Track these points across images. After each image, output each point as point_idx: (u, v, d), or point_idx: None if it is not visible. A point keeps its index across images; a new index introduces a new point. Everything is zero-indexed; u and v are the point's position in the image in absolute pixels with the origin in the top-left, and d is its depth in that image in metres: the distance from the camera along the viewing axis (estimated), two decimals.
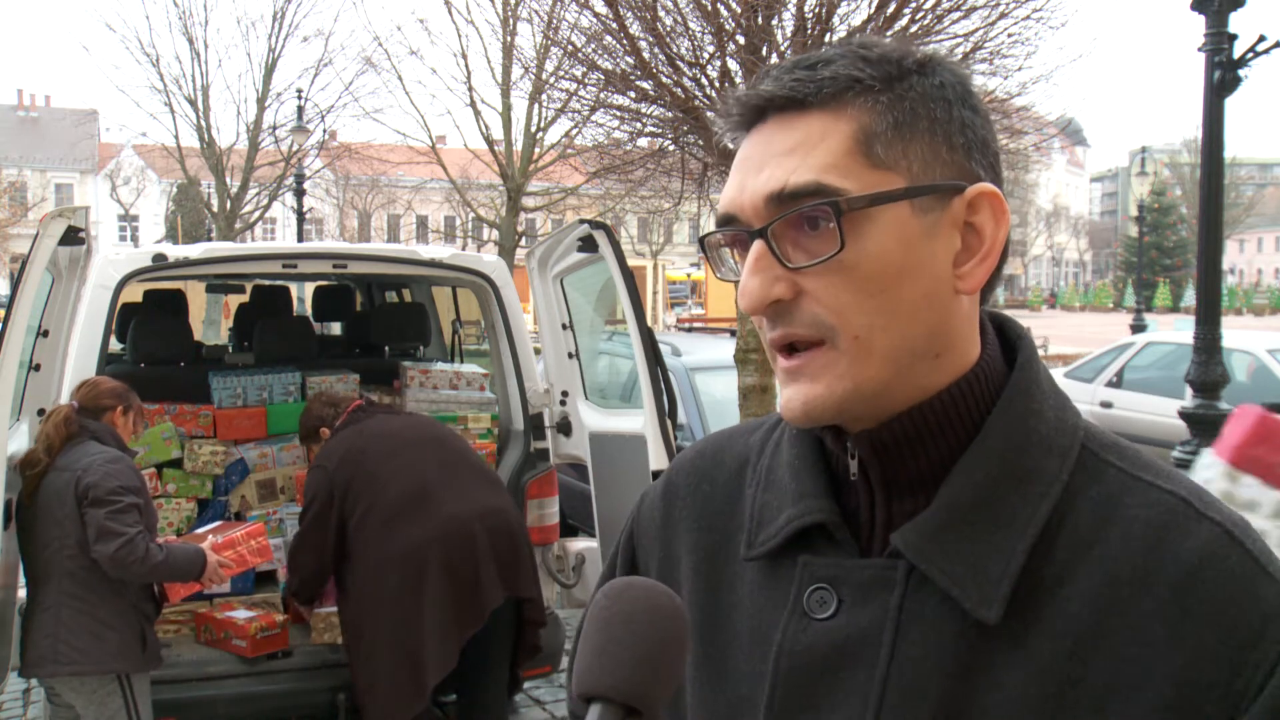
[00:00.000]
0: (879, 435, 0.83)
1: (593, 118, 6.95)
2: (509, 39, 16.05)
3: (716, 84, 5.61)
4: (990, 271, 0.84)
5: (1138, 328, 21.35)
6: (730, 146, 0.86)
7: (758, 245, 0.82)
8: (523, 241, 17.23)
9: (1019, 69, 6.10)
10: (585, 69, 6.29)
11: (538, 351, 5.01)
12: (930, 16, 5.56)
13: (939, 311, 0.82)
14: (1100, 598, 0.77)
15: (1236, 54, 6.76)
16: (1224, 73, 6.75)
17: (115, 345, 5.23)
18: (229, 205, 23.64)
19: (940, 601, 0.80)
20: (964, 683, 0.78)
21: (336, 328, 7.91)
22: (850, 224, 0.79)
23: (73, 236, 3.55)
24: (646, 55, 5.61)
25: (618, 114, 6.38)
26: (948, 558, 0.80)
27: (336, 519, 3.73)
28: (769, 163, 0.82)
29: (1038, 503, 0.80)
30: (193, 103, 23.36)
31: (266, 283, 6.77)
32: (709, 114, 5.58)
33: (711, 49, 5.57)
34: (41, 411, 3.81)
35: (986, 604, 0.78)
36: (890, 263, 0.79)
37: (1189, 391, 7.21)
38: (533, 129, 17.01)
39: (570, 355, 4.76)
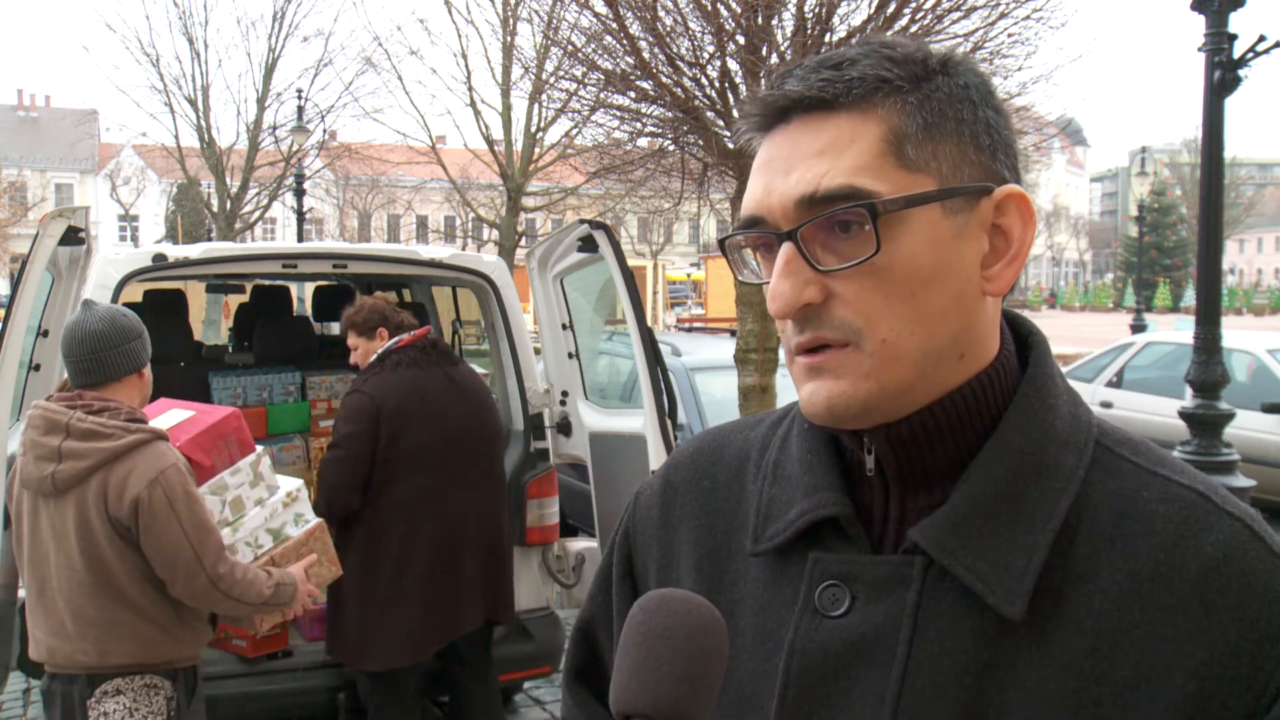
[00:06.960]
0: (897, 430, 0.82)
1: (593, 118, 6.94)
2: (509, 39, 16.06)
3: (716, 84, 5.61)
4: (1018, 273, 0.84)
5: (1138, 328, 21.35)
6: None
7: (787, 248, 0.80)
8: (523, 241, 17.23)
9: (1019, 69, 6.09)
10: (585, 69, 6.28)
11: (538, 351, 5.00)
12: (930, 16, 5.56)
13: (966, 314, 0.81)
14: (1122, 593, 0.76)
15: (1236, 54, 6.75)
16: (1224, 73, 6.74)
17: None
18: (229, 205, 23.64)
19: (958, 598, 0.79)
20: (984, 680, 0.77)
21: (336, 328, 7.89)
22: (885, 227, 0.78)
23: (73, 236, 3.55)
24: (646, 55, 5.61)
25: (618, 114, 6.37)
26: (970, 552, 0.79)
27: (369, 456, 3.75)
28: (797, 165, 0.80)
29: (1057, 498, 0.80)
30: (193, 103, 23.40)
31: (266, 283, 6.76)
32: (709, 114, 5.58)
33: (711, 49, 5.56)
34: None
35: (1010, 599, 0.77)
36: (922, 265, 0.79)
37: (1189, 391, 7.20)
38: (533, 129, 17.02)
39: (570, 355, 4.75)
